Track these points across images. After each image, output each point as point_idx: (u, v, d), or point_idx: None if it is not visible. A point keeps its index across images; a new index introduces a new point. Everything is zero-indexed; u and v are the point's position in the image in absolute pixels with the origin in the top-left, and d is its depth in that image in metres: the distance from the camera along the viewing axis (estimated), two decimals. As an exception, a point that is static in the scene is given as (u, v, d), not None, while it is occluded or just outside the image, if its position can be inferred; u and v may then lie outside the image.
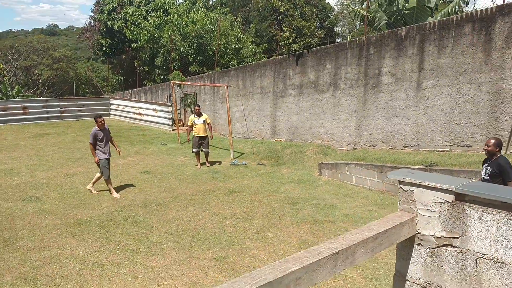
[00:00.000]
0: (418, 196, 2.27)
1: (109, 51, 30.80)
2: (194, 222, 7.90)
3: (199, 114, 12.32)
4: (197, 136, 12.18)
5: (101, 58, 35.74)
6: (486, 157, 6.15)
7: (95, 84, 43.08)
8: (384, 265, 6.10)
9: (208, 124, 12.38)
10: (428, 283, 2.28)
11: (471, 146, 10.15)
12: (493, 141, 5.98)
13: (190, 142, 12.99)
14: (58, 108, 21.37)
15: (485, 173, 6.00)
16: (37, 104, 21.16)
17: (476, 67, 9.97)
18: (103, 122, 9.39)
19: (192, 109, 19.70)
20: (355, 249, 1.92)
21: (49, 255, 6.47)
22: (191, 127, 12.32)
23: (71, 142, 15.38)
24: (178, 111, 19.33)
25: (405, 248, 2.37)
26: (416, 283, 2.34)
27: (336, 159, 11.71)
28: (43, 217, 8.02)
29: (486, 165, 6.06)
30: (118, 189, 9.88)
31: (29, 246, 6.78)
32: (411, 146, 11.30)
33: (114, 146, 9.85)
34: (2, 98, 25.12)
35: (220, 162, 12.80)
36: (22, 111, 20.09)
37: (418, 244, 2.31)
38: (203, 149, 12.26)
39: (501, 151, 6.07)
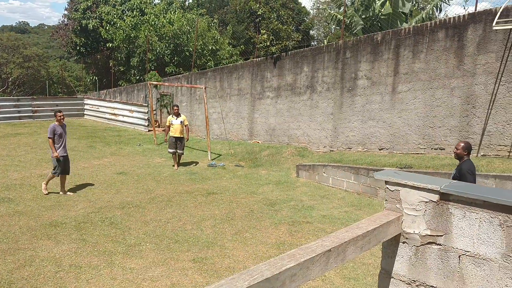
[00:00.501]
0: (403, 195, 2.35)
1: (83, 50, 30.30)
2: (172, 223, 7.86)
3: (177, 115, 12.26)
4: (174, 137, 12.11)
5: (75, 57, 35.13)
6: None
7: (68, 84, 42.26)
8: (362, 265, 6.22)
9: (186, 126, 12.32)
10: (413, 280, 2.36)
11: (444, 149, 10.43)
12: (462, 144, 6.02)
13: (167, 143, 12.89)
14: (30, 108, 20.88)
15: (452, 176, 6.16)
16: (8, 103, 20.63)
17: (449, 72, 10.26)
18: (62, 117, 9.30)
19: (169, 110, 19.58)
20: (346, 247, 1.98)
21: (24, 258, 6.34)
22: (169, 127, 12.25)
23: (44, 142, 15.04)
24: (154, 112, 19.16)
25: (391, 246, 2.45)
26: (401, 280, 2.42)
27: (313, 161, 11.85)
28: (17, 218, 7.84)
29: (455, 169, 6.20)
30: (94, 190, 9.74)
31: (3, 248, 6.61)
32: (386, 149, 11.53)
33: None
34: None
35: (197, 163, 12.76)
36: (-9, 110, 19.56)
37: (404, 242, 2.38)
38: (177, 151, 12.17)
39: (471, 154, 6.21)
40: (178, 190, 9.95)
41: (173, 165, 12.18)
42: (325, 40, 24.36)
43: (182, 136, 12.19)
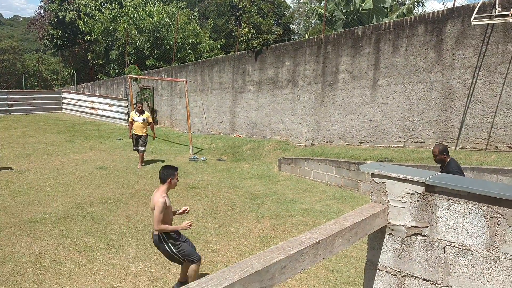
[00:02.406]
0: (389, 188, 2.37)
1: (61, 43, 29.69)
2: (154, 218, 7.80)
3: (140, 112, 11.67)
4: (135, 134, 11.66)
5: (52, 50, 34.39)
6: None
7: (44, 77, 41.41)
8: (344, 258, 6.28)
9: (150, 123, 11.81)
10: (399, 271, 2.39)
11: (423, 142, 10.59)
12: (437, 149, 5.92)
13: (130, 139, 12.45)
14: (6, 102, 20.40)
15: None
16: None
17: (428, 67, 10.40)
18: None
19: (149, 103, 19.39)
20: (334, 239, 1.99)
21: (2, 254, 6.21)
22: (132, 123, 11.73)
23: (22, 137, 14.75)
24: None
25: (377, 238, 2.47)
26: (387, 271, 2.44)
27: (295, 154, 11.90)
28: (-5, 214, 7.67)
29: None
30: (74, 185, 9.60)
31: (-20, 245, 6.47)
32: (367, 142, 11.65)
33: None
34: None
35: (163, 161, 12.36)
36: (-34, 104, 19.06)
37: (389, 234, 2.41)
38: (139, 147, 11.66)
39: (449, 151, 6.18)
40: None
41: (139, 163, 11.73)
42: (306, 34, 24.41)
43: (142, 134, 11.58)
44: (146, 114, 11.73)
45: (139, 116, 11.55)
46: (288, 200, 8.87)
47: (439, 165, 6.14)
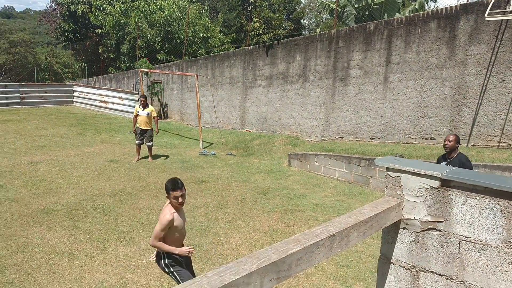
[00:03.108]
0: (404, 182, 2.37)
1: (72, 36, 29.86)
2: (165, 211, 7.85)
3: (144, 106, 11.56)
4: (139, 128, 11.56)
5: (63, 44, 34.62)
6: (444, 153, 6.17)
7: (56, 71, 41.68)
8: (354, 253, 6.28)
9: (154, 117, 11.73)
10: (413, 265, 2.39)
11: (435, 139, 10.53)
12: (453, 137, 6.00)
13: (134, 133, 12.39)
14: (18, 94, 20.60)
15: None
16: (-4, 90, 20.35)
17: (440, 63, 10.32)
18: None
19: (159, 97, 19.47)
20: (349, 232, 2.00)
21: (16, 244, 6.30)
22: (136, 117, 11.64)
23: (34, 129, 14.89)
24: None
25: (391, 233, 2.47)
26: (400, 266, 2.45)
27: (305, 150, 11.88)
28: (8, 205, 7.77)
29: (445, 162, 6.03)
30: (85, 177, 9.68)
31: (-5, 235, 6.57)
32: (378, 138, 11.60)
33: None
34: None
35: (167, 157, 12.36)
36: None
37: (404, 228, 2.41)
38: (146, 143, 11.63)
39: (461, 145, 6.17)
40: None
41: (135, 157, 11.67)
42: (317, 29, 24.30)
43: (147, 128, 11.53)
44: (150, 108, 11.65)
45: (143, 110, 11.45)
46: (298, 195, 8.88)
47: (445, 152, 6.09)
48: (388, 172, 2.43)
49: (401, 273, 2.45)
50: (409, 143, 10.94)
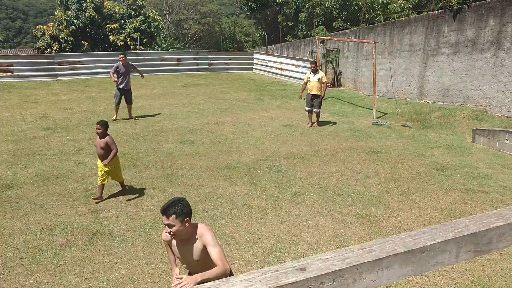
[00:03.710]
0: None
1: (254, 6, 31.48)
2: (336, 177, 7.95)
3: (315, 71, 11.75)
4: (310, 94, 11.67)
5: (246, 13, 36.78)
6: None
7: (238, 39, 44.76)
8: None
9: (324, 83, 11.77)
10: None
11: None
12: None
13: (302, 100, 12.55)
14: (207, 61, 22.75)
15: None
16: (189, 56, 22.81)
17: None
18: (123, 59, 11.70)
19: (334, 65, 19.44)
20: None
21: (204, 193, 7.12)
22: (306, 84, 11.87)
23: (219, 93, 16.36)
24: (320, 67, 19.20)
25: None
26: None
27: (493, 126, 10.66)
28: (198, 159, 8.78)
29: None
30: (262, 140, 10.31)
31: (188, 183, 7.52)
32: None
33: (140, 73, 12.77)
34: (157, 50, 27.55)
35: (338, 124, 12.18)
36: (176, 62, 21.86)
37: None
38: (314, 109, 11.73)
39: None
40: (341, 146, 9.96)
41: (308, 123, 11.85)
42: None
43: (318, 93, 11.64)
44: (321, 73, 11.84)
45: (314, 76, 11.68)
46: (482, 175, 8.06)
47: None
48: None
49: None
50: None
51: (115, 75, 11.64)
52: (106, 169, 6.59)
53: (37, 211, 6.35)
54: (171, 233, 3.20)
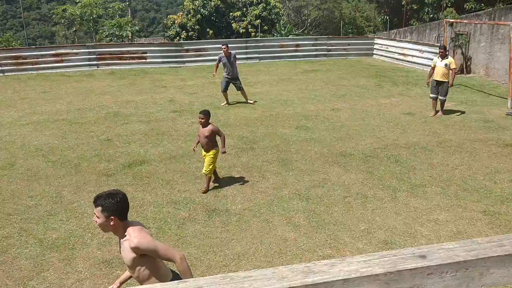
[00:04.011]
0: None
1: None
2: (461, 170, 7.40)
3: (443, 57, 10.81)
4: (435, 80, 10.79)
5: (368, -3, 35.47)
6: None
7: (358, 24, 43.48)
8: None
9: (452, 69, 10.81)
10: None
11: None
12: None
13: (428, 86, 11.62)
14: (325, 47, 22.50)
15: None
16: (308, 42, 22.75)
17: None
18: (225, 49, 11.80)
19: (463, 51, 17.95)
20: None
21: (318, 179, 7.12)
22: (433, 69, 11.03)
23: (337, 79, 16.11)
24: (447, 53, 17.85)
25: None
26: None
27: None
28: (313, 145, 8.79)
29: None
30: (381, 127, 9.95)
31: (302, 168, 7.58)
32: None
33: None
34: (277, 37, 27.94)
35: (465, 114, 11.12)
36: (294, 48, 21.97)
37: None
38: (439, 97, 10.86)
39: None
40: (469, 137, 9.21)
41: (431, 112, 11.04)
42: None
43: (444, 80, 10.74)
44: (450, 59, 10.92)
45: (441, 61, 10.85)
46: None
47: None
48: None
49: None
50: None
51: (220, 66, 12.12)
52: (204, 154, 6.68)
53: (164, 186, 6.93)
54: (97, 223, 3.02)
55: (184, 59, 20.18)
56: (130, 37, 27.78)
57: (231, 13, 28.26)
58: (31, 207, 6.23)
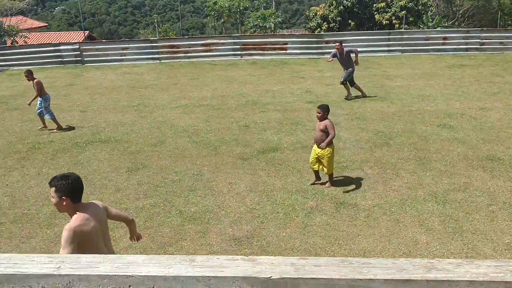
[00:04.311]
0: None
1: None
2: None
3: None
4: None
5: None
6: None
7: (520, 15, 38.73)
8: None
9: None
10: None
11: None
12: None
13: None
14: (478, 40, 20.54)
15: None
16: (457, 35, 21.00)
17: None
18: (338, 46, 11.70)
19: None
20: None
21: (458, 183, 6.60)
22: None
23: (489, 75, 14.64)
24: None
25: None
26: None
27: None
28: (455, 145, 8.15)
29: None
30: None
31: (441, 169, 7.09)
32: None
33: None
34: (423, 28, 26.29)
35: None
36: (442, 41, 20.46)
37: None
38: None
39: None
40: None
41: None
42: None
43: None
44: None
45: None
46: None
47: None
48: None
49: None
50: None
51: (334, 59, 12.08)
52: (318, 152, 6.37)
53: (294, 174, 7.08)
54: (53, 203, 3.10)
55: (323, 51, 20.18)
56: (272, 29, 28.63)
57: (374, 4, 27.38)
58: (175, 182, 6.90)
